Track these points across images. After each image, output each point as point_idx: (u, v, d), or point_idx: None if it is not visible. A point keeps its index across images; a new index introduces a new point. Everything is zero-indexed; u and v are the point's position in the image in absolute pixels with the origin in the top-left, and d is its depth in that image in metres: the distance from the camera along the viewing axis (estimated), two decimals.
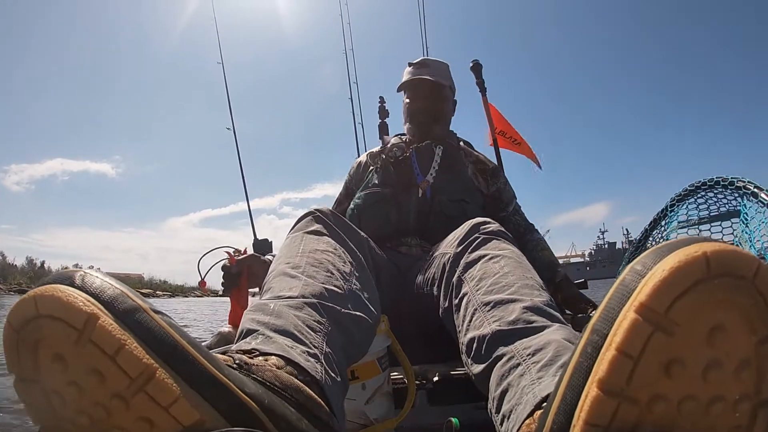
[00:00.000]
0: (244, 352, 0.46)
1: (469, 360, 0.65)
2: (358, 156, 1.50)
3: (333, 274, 0.69)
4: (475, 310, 0.69)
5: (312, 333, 0.55)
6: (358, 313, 0.65)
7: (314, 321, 0.57)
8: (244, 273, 1.27)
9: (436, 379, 0.95)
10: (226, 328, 1.23)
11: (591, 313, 1.07)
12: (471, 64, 2.09)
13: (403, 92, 1.44)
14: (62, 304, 0.31)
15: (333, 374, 0.51)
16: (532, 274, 0.74)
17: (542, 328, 0.60)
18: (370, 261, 0.90)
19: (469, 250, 0.81)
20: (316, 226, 0.80)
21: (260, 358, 0.45)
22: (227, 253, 1.31)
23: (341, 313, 0.62)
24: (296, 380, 0.44)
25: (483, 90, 2.12)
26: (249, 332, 0.52)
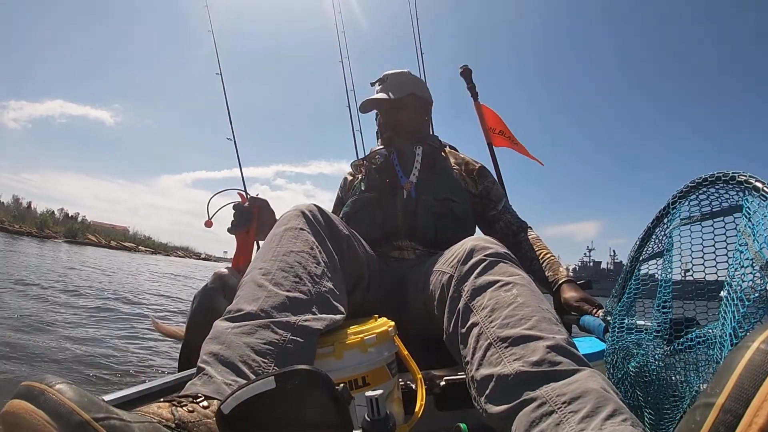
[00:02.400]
0: (192, 398, 0.54)
1: (483, 399, 0.63)
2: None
3: (301, 279, 0.74)
4: (490, 344, 0.66)
5: (258, 359, 0.62)
6: (319, 317, 0.70)
7: (264, 344, 0.63)
8: (255, 216, 1.28)
9: (442, 384, 0.95)
10: (225, 269, 1.23)
11: (594, 313, 1.06)
12: (460, 70, 2.10)
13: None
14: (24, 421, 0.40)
15: None
16: (547, 306, 0.71)
17: (571, 372, 0.58)
18: (346, 260, 0.90)
19: (474, 274, 0.77)
20: (297, 223, 0.84)
21: (204, 403, 0.53)
22: (239, 194, 1.30)
23: (295, 327, 0.67)
24: None
25: (474, 95, 2.14)
26: (200, 369, 0.61)
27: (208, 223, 1.32)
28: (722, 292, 0.68)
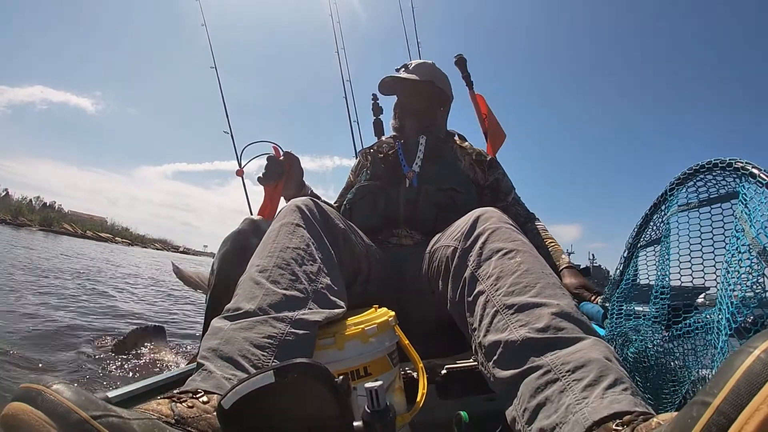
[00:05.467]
0: (192, 394, 0.55)
1: (490, 363, 0.65)
2: (355, 155, 1.52)
3: (297, 277, 0.75)
4: (497, 311, 0.68)
5: (258, 352, 0.62)
6: (317, 311, 0.71)
7: (263, 338, 0.64)
8: (286, 170, 1.29)
9: (443, 372, 0.96)
10: (256, 216, 1.24)
11: (593, 299, 1.07)
12: (455, 59, 2.09)
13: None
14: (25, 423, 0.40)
15: None
16: (549, 270, 0.74)
17: (576, 340, 0.60)
18: (343, 254, 0.91)
19: (479, 244, 0.79)
20: (294, 218, 0.85)
21: (204, 398, 0.54)
22: (274, 147, 1.32)
23: (294, 320, 0.68)
24: None
25: (470, 84, 2.13)
26: (199, 365, 0.62)
27: (240, 172, 1.34)
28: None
